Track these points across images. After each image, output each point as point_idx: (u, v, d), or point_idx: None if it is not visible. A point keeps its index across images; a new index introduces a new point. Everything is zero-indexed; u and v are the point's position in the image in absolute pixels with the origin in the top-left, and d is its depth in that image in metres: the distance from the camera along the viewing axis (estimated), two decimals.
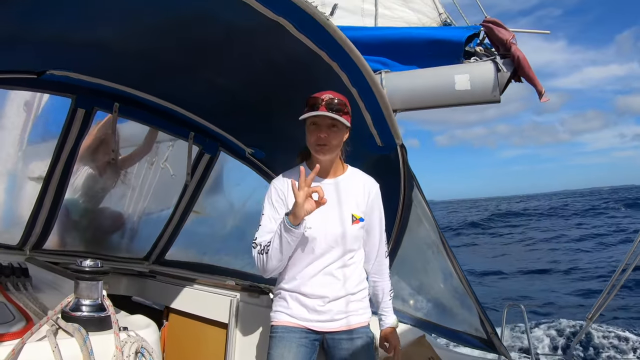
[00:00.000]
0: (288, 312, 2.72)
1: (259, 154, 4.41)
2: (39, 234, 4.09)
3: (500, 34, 3.48)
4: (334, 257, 2.68)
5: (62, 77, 3.46)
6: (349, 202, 2.72)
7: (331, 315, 2.68)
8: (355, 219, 2.70)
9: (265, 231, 2.66)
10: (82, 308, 1.85)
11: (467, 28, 3.74)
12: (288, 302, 2.73)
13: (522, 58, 3.36)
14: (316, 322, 2.68)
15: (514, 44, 3.42)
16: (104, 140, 4.07)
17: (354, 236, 2.70)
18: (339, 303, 2.69)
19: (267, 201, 2.75)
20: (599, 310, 3.80)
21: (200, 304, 3.89)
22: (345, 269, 2.71)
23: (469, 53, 3.60)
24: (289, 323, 2.71)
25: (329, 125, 2.60)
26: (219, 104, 3.86)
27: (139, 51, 3.13)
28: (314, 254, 2.66)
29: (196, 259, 5.21)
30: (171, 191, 4.71)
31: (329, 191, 2.67)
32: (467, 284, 3.64)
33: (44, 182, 3.90)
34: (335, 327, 2.70)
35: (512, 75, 3.41)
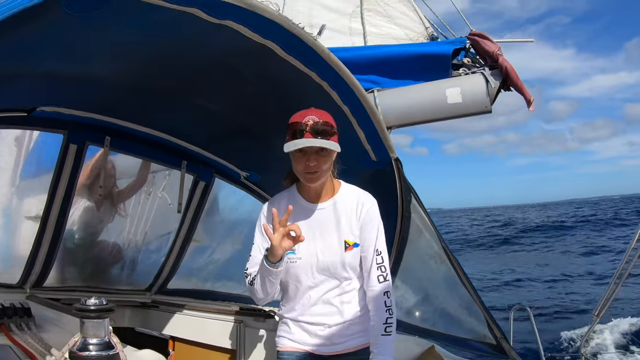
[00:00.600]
0: (291, 337, 2.71)
1: (254, 177, 4.40)
2: (39, 272, 4.05)
3: (486, 46, 3.55)
4: (330, 286, 2.63)
5: (53, 113, 3.45)
6: (341, 228, 2.61)
7: (333, 339, 2.66)
8: (348, 246, 2.59)
9: (254, 262, 2.61)
10: (90, 347, 1.82)
11: (452, 42, 3.79)
12: (290, 328, 2.72)
13: (509, 68, 3.43)
14: (318, 347, 2.66)
15: (500, 55, 3.48)
16: (99, 174, 4.06)
17: (349, 265, 2.60)
18: (339, 328, 2.66)
19: (257, 230, 2.69)
20: (605, 306, 3.79)
21: (205, 332, 3.86)
22: (344, 297, 2.66)
23: (457, 65, 3.66)
24: (292, 348, 2.70)
25: (317, 151, 2.43)
26: (212, 129, 3.85)
27: (128, 83, 3.13)
28: (309, 285, 2.62)
29: (198, 286, 5.18)
30: (170, 220, 4.68)
31: (319, 216, 2.63)
32: (474, 290, 3.63)
33: (41, 220, 3.86)
34: (338, 351, 2.68)
35: (501, 85, 3.49)
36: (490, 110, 3.49)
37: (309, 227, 2.57)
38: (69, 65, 2.78)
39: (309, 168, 2.43)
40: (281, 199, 2.70)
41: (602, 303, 3.82)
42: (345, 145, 2.72)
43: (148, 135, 3.92)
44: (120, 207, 4.49)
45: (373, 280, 2.59)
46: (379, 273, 2.59)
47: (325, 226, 2.59)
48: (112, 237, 4.64)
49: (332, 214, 2.63)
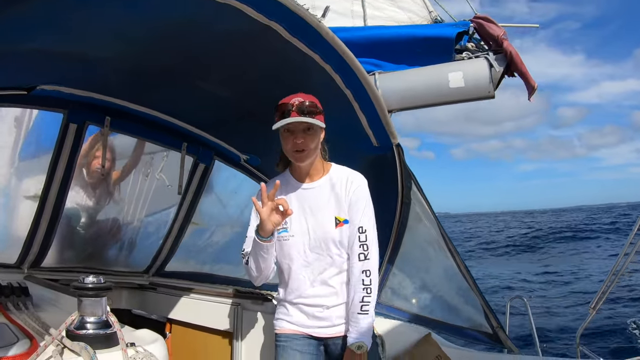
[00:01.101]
0: (289, 320, 2.74)
1: (254, 160, 4.38)
2: (37, 252, 4.04)
3: (491, 29, 3.49)
4: (324, 265, 2.66)
5: (53, 91, 3.42)
6: (331, 206, 2.67)
7: (331, 321, 2.68)
8: (339, 222, 2.64)
9: (250, 242, 2.71)
10: (87, 326, 1.82)
11: (456, 25, 3.74)
12: (288, 310, 2.75)
13: (514, 53, 3.37)
14: (317, 329, 2.69)
15: (505, 39, 3.42)
16: (96, 154, 4.04)
17: (340, 240, 2.64)
18: (338, 309, 2.68)
19: (253, 212, 2.78)
20: (602, 299, 3.80)
21: (203, 314, 3.86)
22: (342, 276, 2.69)
23: (460, 50, 3.61)
24: (290, 330, 2.72)
25: (304, 129, 2.56)
26: (212, 112, 3.83)
27: (128, 63, 3.10)
28: (302, 263, 2.66)
29: (196, 268, 5.18)
30: (168, 202, 4.67)
31: (310, 195, 2.69)
32: (471, 279, 3.64)
33: (40, 199, 3.85)
34: (335, 333, 2.70)
35: (505, 70, 3.42)
36: (494, 95, 3.42)
37: (300, 205, 2.68)
38: (67, 44, 2.76)
39: (297, 146, 2.55)
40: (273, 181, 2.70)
41: (598, 296, 3.83)
42: (347, 130, 2.72)
43: (148, 116, 3.90)
44: (117, 188, 4.47)
45: (354, 258, 2.63)
46: (360, 251, 2.62)
47: (316, 204, 2.67)
48: (110, 218, 4.62)
49: (322, 192, 2.70)
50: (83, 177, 4.14)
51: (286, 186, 2.72)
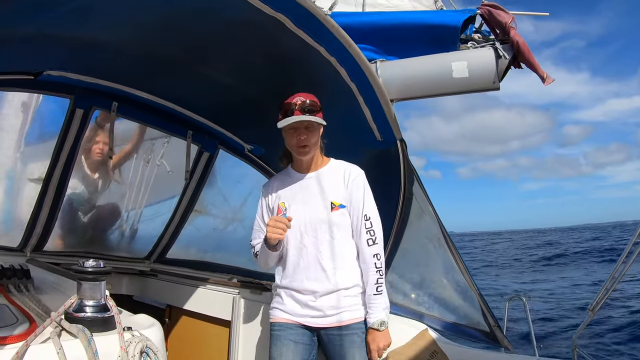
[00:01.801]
0: (283, 308, 2.80)
1: (258, 150, 4.39)
2: (40, 236, 4.07)
3: (499, 16, 3.34)
4: (320, 247, 2.75)
5: (59, 77, 3.43)
6: (329, 191, 2.83)
7: (323, 311, 2.73)
8: (334, 206, 2.78)
9: (256, 234, 2.98)
10: (86, 309, 1.84)
11: (462, 11, 3.60)
12: (283, 299, 2.81)
13: (521, 43, 3.26)
14: (309, 318, 2.75)
15: (513, 27, 3.31)
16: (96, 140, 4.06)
17: (336, 224, 2.77)
18: (330, 298, 2.73)
19: (259, 205, 3.01)
20: (601, 302, 3.79)
21: (202, 302, 3.88)
22: (336, 261, 2.75)
23: (466, 39, 3.51)
24: (284, 320, 2.78)
25: (306, 127, 2.77)
26: (218, 101, 3.84)
27: (136, 49, 3.11)
28: (298, 245, 2.77)
29: (197, 256, 5.20)
30: (170, 188, 4.70)
31: (308, 184, 2.86)
32: (470, 276, 3.64)
33: (43, 183, 3.88)
34: (327, 323, 2.74)
35: (511, 61, 3.31)
36: (498, 87, 3.32)
37: (298, 192, 2.88)
38: (75, 29, 2.77)
39: (300, 142, 2.77)
40: (275, 179, 3.05)
41: (598, 298, 3.82)
42: (351, 123, 2.74)
43: (154, 104, 3.91)
44: (118, 174, 4.48)
45: (363, 244, 2.78)
46: (368, 237, 2.79)
47: (313, 191, 2.84)
48: (112, 204, 4.65)
49: (319, 180, 2.89)
50: (85, 162, 4.16)
51: (287, 177, 2.96)
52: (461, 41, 3.48)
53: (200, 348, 3.91)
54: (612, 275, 3.73)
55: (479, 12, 3.49)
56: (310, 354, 2.78)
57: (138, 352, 1.72)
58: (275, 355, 2.74)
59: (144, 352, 1.76)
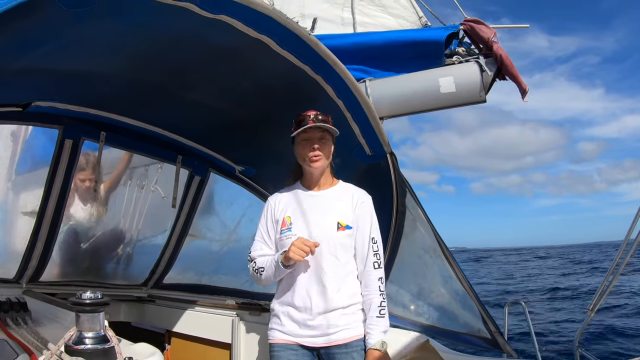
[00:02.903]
0: (281, 329, 2.76)
1: (249, 171, 4.40)
2: (35, 267, 4.06)
3: (482, 32, 3.41)
4: (323, 265, 2.71)
5: (48, 108, 3.45)
6: (335, 212, 2.79)
7: (322, 329, 2.69)
8: (341, 226, 2.75)
9: (258, 246, 2.88)
10: (85, 341, 1.83)
11: (445, 28, 3.68)
12: (281, 319, 2.77)
13: (504, 56, 3.32)
14: (308, 338, 2.71)
15: (495, 42, 3.37)
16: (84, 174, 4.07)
17: (341, 243, 2.74)
18: (329, 317, 2.69)
19: (262, 217, 2.92)
20: (600, 301, 3.79)
21: (201, 326, 3.87)
22: (338, 280, 2.72)
23: (450, 54, 3.56)
24: (283, 340, 2.74)
25: (319, 138, 2.74)
26: (207, 124, 3.85)
27: (123, 78, 3.13)
28: (302, 264, 2.71)
29: (194, 280, 5.19)
30: (164, 214, 4.68)
31: (316, 201, 2.82)
32: (468, 284, 3.64)
33: (38, 215, 3.88)
34: (327, 342, 2.70)
35: (496, 74, 3.38)
36: (485, 100, 3.39)
37: (305, 209, 2.81)
38: (63, 60, 2.79)
39: (314, 152, 2.74)
40: (282, 192, 2.95)
41: (596, 298, 3.83)
42: (340, 139, 2.76)
43: (143, 130, 3.92)
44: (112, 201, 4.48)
45: (369, 266, 2.76)
46: (375, 260, 2.77)
47: (321, 209, 2.80)
48: (108, 232, 4.64)
49: (327, 199, 2.85)
50: (77, 193, 4.16)
51: (295, 192, 2.91)
52: (446, 56, 3.53)
53: None
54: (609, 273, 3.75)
55: (461, 27, 3.56)
56: None
57: None
58: None
59: None
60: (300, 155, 2.80)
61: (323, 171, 2.85)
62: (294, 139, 2.79)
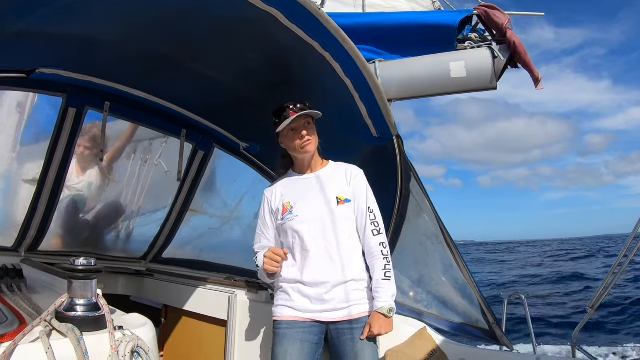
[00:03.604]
0: (291, 305, 2.74)
1: (254, 148, 4.37)
2: (34, 236, 4.05)
3: (496, 17, 3.37)
4: (329, 239, 2.74)
5: (52, 75, 3.41)
6: (332, 188, 2.85)
7: (334, 304, 2.70)
8: (340, 200, 2.81)
9: (259, 239, 2.98)
10: (76, 308, 1.80)
11: (459, 12, 3.62)
12: (290, 295, 2.76)
13: (518, 43, 3.27)
14: (320, 313, 2.70)
15: (509, 28, 3.33)
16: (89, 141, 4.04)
17: (343, 217, 2.78)
18: (339, 291, 2.70)
19: (261, 210, 3.01)
20: (601, 298, 3.76)
21: (198, 302, 3.86)
22: (344, 252, 2.74)
23: (463, 39, 3.52)
24: (292, 317, 2.72)
25: (305, 124, 2.83)
26: (213, 98, 3.82)
27: (128, 47, 3.09)
28: (307, 239, 2.74)
29: (193, 256, 5.18)
30: (167, 188, 4.67)
31: (311, 183, 2.88)
32: (469, 274, 3.62)
33: (38, 183, 3.86)
34: (338, 317, 2.71)
35: (508, 61, 3.34)
36: (496, 87, 3.35)
37: (302, 190, 2.89)
38: (68, 26, 2.75)
39: (303, 138, 2.81)
40: (276, 183, 3.02)
41: (597, 295, 3.79)
42: (347, 119, 2.72)
43: (148, 102, 3.89)
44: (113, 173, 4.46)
45: (368, 234, 2.80)
46: (373, 227, 2.81)
47: (318, 188, 2.85)
48: (108, 204, 4.62)
49: (322, 179, 2.91)
50: (80, 162, 4.14)
51: (289, 179, 2.99)
52: (458, 41, 3.48)
53: (196, 348, 3.89)
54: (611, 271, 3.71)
55: (475, 12, 3.50)
56: (316, 353, 2.73)
57: (129, 352, 1.68)
58: (280, 354, 2.68)
59: (135, 352, 1.73)
60: (290, 146, 2.89)
61: (313, 154, 2.92)
62: (279, 133, 2.88)
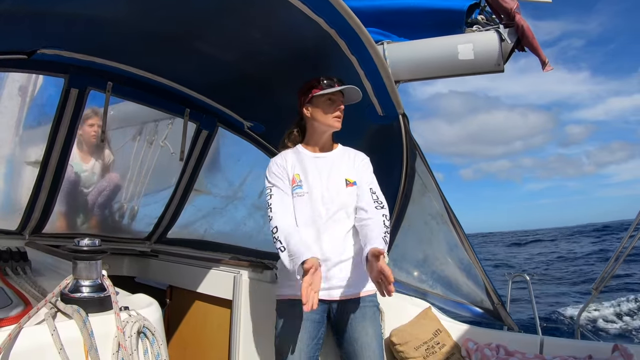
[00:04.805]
0: (293, 284, 2.69)
1: (259, 127, 4.34)
2: (38, 218, 4.03)
3: (505, 2, 3.41)
4: (335, 217, 2.74)
5: (54, 56, 3.37)
6: (342, 170, 2.86)
7: (337, 281, 2.70)
8: (349, 183, 2.82)
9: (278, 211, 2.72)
10: (82, 289, 1.78)
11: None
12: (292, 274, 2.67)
13: (526, 27, 3.31)
14: (323, 291, 2.64)
15: (518, 13, 3.36)
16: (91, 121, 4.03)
17: (351, 198, 2.79)
18: (343, 268, 2.71)
19: (269, 177, 2.85)
20: (604, 281, 3.76)
21: (203, 282, 3.85)
22: (348, 231, 2.76)
23: (471, 23, 3.56)
24: (294, 296, 2.69)
25: (342, 102, 2.84)
26: (217, 77, 3.78)
27: (132, 25, 3.05)
28: (315, 218, 2.73)
29: (198, 236, 5.17)
30: (172, 170, 4.65)
31: (322, 162, 2.87)
32: (474, 254, 3.61)
33: (41, 165, 3.83)
34: (341, 296, 2.71)
35: (515, 44, 3.37)
36: (503, 69, 3.38)
37: (314, 168, 2.85)
38: (70, 5, 2.71)
39: (339, 113, 2.82)
40: (287, 154, 2.93)
41: (601, 277, 3.80)
42: None
43: (151, 82, 3.85)
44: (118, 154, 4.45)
45: (371, 208, 2.73)
46: (376, 204, 2.76)
47: (329, 168, 2.86)
48: (113, 185, 4.61)
49: (334, 160, 2.91)
50: (83, 143, 4.12)
51: (300, 155, 2.91)
52: (467, 25, 3.53)
53: (201, 328, 3.89)
54: (616, 254, 3.71)
55: None
56: (319, 332, 2.72)
57: (135, 332, 1.67)
58: (283, 333, 2.69)
59: (141, 332, 1.71)
60: (321, 114, 2.83)
61: (330, 135, 2.93)
62: (313, 98, 2.82)
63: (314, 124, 2.88)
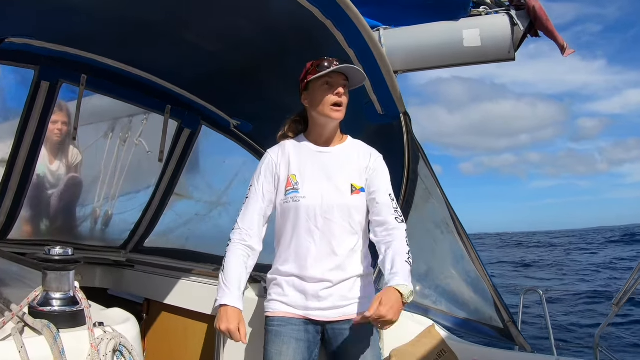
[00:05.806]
0: (284, 301, 2.68)
1: (246, 126, 4.35)
2: (3, 223, 4.03)
3: None
4: (335, 232, 2.64)
5: (23, 45, 3.38)
6: (348, 172, 2.72)
7: (332, 302, 2.64)
8: (355, 189, 2.69)
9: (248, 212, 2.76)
10: (52, 302, 1.79)
11: None
12: (284, 289, 2.69)
13: (539, 8, 3.24)
14: (316, 311, 2.64)
15: None
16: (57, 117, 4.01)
17: (355, 207, 2.68)
18: (340, 288, 2.65)
19: (256, 172, 2.81)
20: (626, 295, 3.78)
21: (184, 295, 3.85)
22: (348, 245, 2.67)
23: (477, 4, 3.46)
24: (285, 314, 2.67)
25: (343, 85, 2.66)
26: (201, 71, 3.79)
27: (109, 13, 3.05)
28: (309, 229, 2.64)
29: (179, 245, 5.16)
30: (149, 171, 4.65)
31: (326, 160, 2.73)
32: (482, 266, 3.60)
33: (7, 165, 3.83)
34: (336, 317, 2.66)
35: (528, 29, 3.30)
36: (514, 57, 3.30)
37: (315, 168, 2.72)
38: None
39: (337, 100, 2.64)
40: (285, 145, 2.82)
41: (623, 292, 3.81)
42: (349, 94, 2.70)
43: (129, 74, 3.86)
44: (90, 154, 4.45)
45: (392, 222, 2.65)
46: (396, 215, 2.68)
47: (332, 168, 2.72)
48: (85, 188, 4.60)
49: (339, 158, 2.76)
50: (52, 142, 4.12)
51: (300, 149, 2.78)
52: (473, 4, 3.43)
53: (181, 346, 3.88)
54: (638, 267, 3.72)
55: None
56: (313, 353, 2.69)
57: (110, 351, 1.68)
58: (273, 354, 2.65)
59: (117, 351, 1.72)
60: (319, 101, 2.67)
61: (336, 127, 2.77)
62: (308, 84, 2.68)
63: (313, 115, 2.74)
